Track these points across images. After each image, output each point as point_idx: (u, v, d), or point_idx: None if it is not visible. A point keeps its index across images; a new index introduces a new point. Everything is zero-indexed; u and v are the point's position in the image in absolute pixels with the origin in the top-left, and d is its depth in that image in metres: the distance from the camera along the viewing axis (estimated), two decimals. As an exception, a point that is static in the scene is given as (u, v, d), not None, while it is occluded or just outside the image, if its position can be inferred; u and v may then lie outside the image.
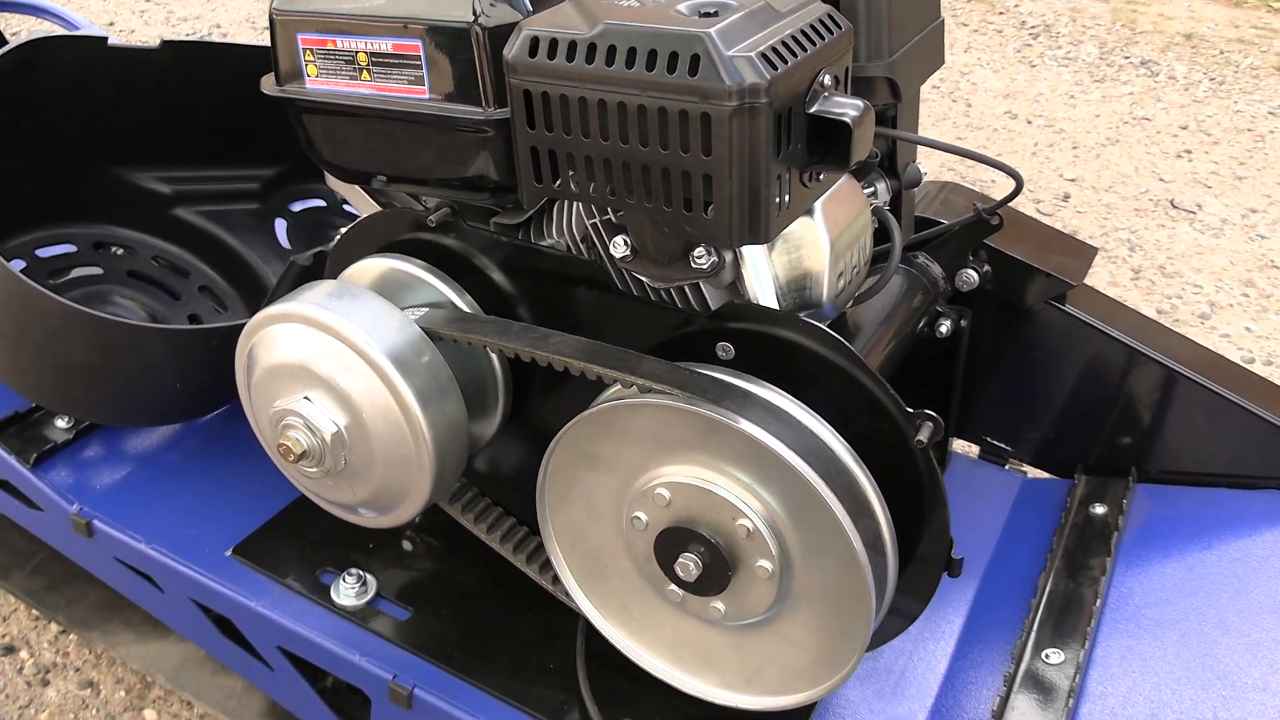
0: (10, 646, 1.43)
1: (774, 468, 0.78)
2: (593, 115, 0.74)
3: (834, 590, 0.81)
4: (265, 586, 1.09)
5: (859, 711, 0.99)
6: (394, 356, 0.88)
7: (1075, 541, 1.15)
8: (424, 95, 0.87)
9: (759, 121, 0.69)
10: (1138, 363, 1.19)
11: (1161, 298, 2.33)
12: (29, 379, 1.16)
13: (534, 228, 0.95)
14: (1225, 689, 0.94)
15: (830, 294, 0.88)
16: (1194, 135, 3.11)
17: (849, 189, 0.90)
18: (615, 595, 0.95)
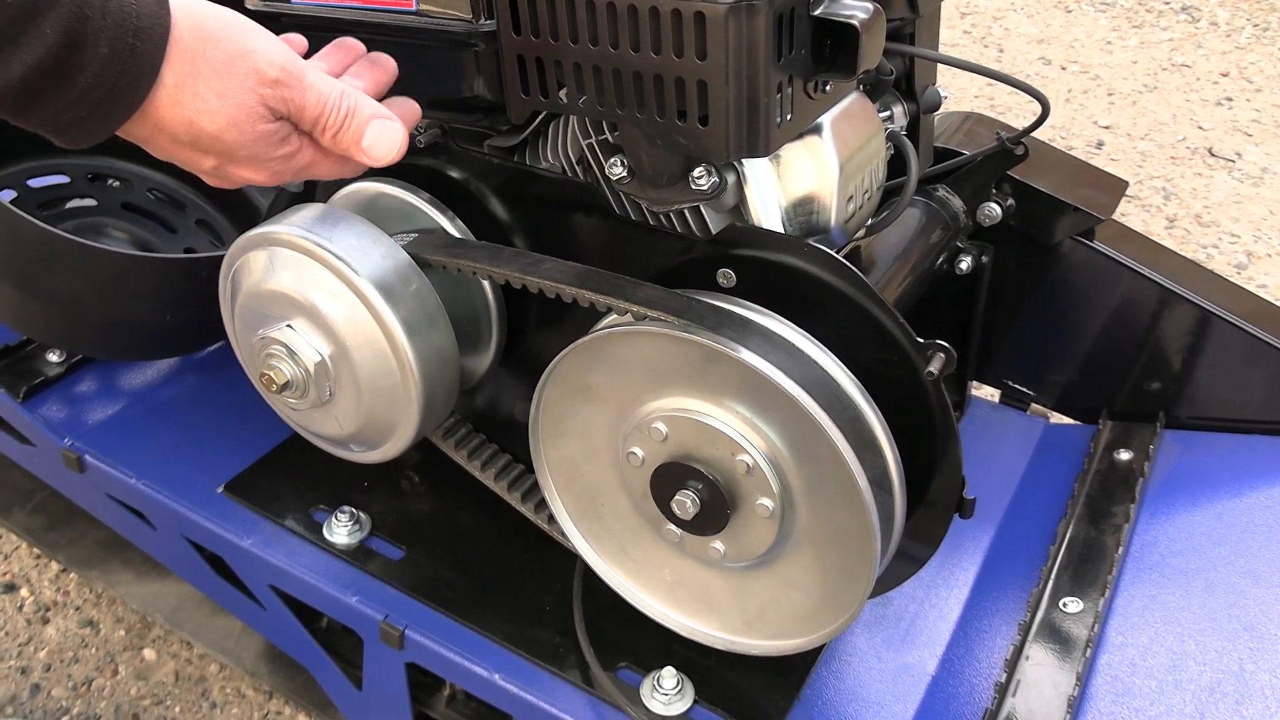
0: (11, 584, 1.42)
1: (775, 400, 0.74)
2: (581, 18, 0.69)
3: (837, 530, 0.77)
4: (257, 524, 1.06)
5: (866, 659, 0.95)
6: (380, 283, 0.85)
7: (1098, 488, 1.10)
8: (411, 8, 0.82)
9: (757, 22, 0.64)
10: (1169, 303, 1.13)
11: (1197, 247, 2.26)
12: (17, 311, 1.13)
13: (529, 151, 0.90)
14: (1252, 640, 0.90)
15: (839, 219, 0.83)
16: (1235, 82, 3.01)
17: (861, 108, 0.85)
18: (612, 535, 0.91)
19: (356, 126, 0.70)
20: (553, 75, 0.74)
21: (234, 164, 0.69)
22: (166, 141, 0.66)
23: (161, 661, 1.32)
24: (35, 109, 0.60)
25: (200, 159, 0.68)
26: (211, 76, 0.64)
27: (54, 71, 0.58)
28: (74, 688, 1.29)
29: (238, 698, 1.28)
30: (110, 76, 0.60)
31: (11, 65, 0.57)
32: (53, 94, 0.59)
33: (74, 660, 1.32)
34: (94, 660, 1.32)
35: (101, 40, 0.59)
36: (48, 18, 0.57)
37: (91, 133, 0.63)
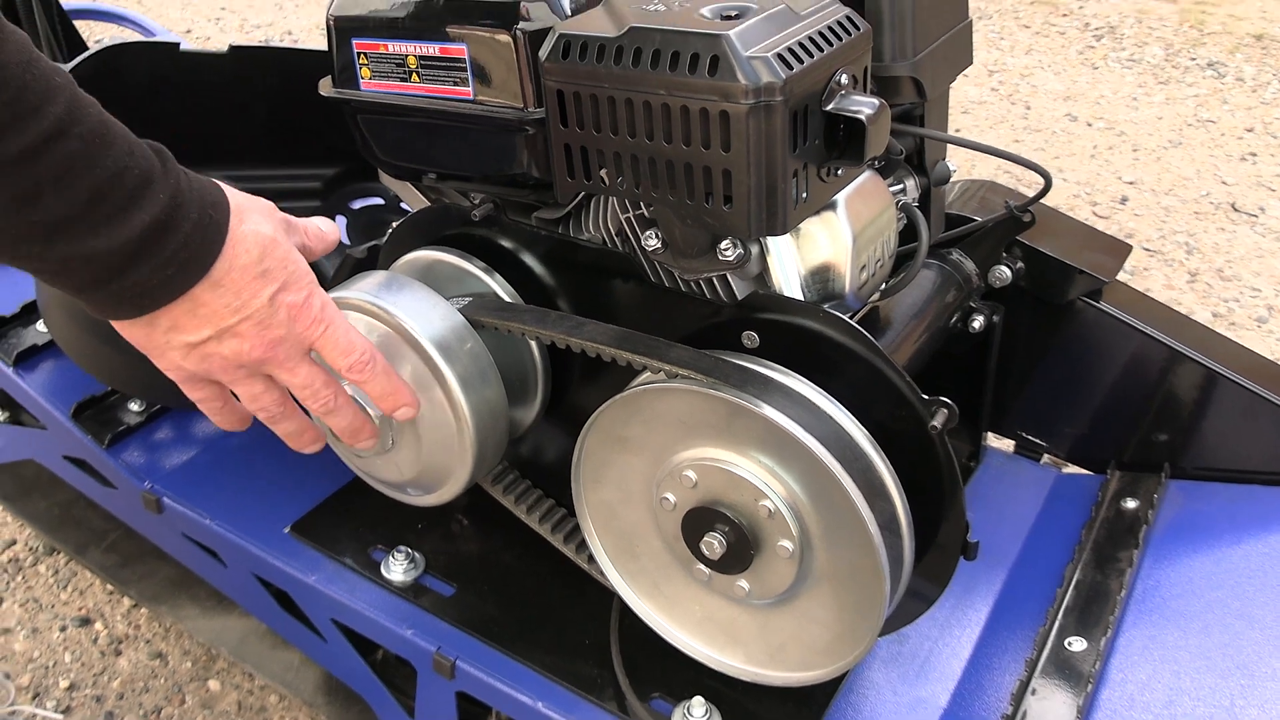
0: (86, 618, 1.52)
1: (794, 451, 0.82)
2: (620, 113, 0.78)
3: (851, 569, 0.84)
4: (320, 562, 1.15)
5: (883, 693, 1.02)
6: (438, 342, 0.94)
7: (1105, 534, 1.17)
8: (469, 96, 0.92)
9: (775, 118, 0.73)
10: (1173, 360, 1.20)
11: (1218, 300, 2.31)
12: (104, 365, 1.23)
13: (573, 222, 1.00)
14: (1244, 678, 0.96)
15: (853, 286, 0.91)
16: (1260, 138, 3.07)
17: (873, 185, 0.93)
18: (646, 574, 0.99)
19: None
20: (595, 161, 0.83)
21: (284, 290, 0.77)
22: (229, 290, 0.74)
23: (225, 692, 1.41)
24: (139, 266, 0.68)
25: (265, 287, 0.76)
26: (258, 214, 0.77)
27: (160, 230, 0.67)
28: (144, 716, 1.39)
29: (296, 727, 1.37)
30: (197, 237, 0.70)
31: (133, 222, 0.66)
32: (156, 251, 0.68)
33: (144, 690, 1.42)
34: (163, 690, 1.42)
35: (192, 208, 0.69)
36: (160, 185, 0.67)
37: (171, 292, 0.71)
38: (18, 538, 1.67)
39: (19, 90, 0.60)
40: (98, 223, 0.65)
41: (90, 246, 0.65)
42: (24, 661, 1.46)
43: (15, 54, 0.60)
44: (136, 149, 0.67)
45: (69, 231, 0.64)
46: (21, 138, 0.60)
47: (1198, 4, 4.15)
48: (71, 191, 0.63)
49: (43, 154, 0.62)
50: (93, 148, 0.64)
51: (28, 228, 0.63)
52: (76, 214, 0.64)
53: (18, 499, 1.62)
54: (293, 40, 4.03)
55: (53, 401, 1.31)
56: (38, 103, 0.61)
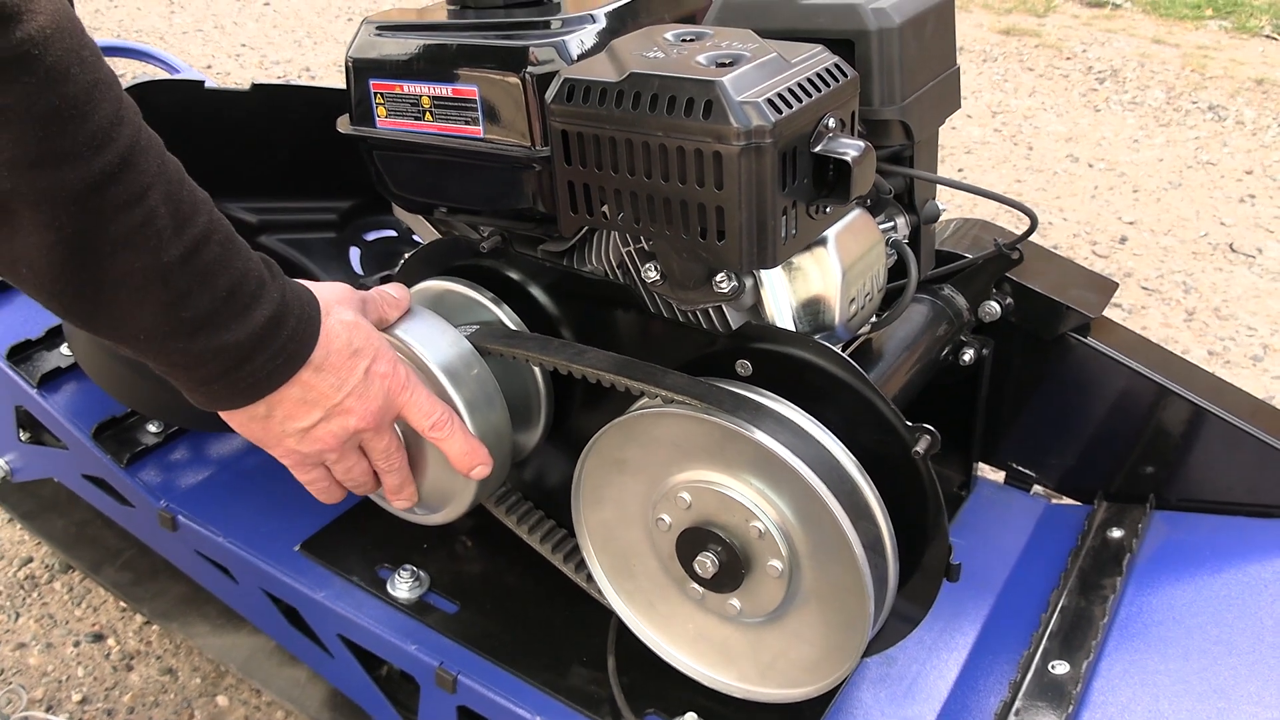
0: (100, 634, 1.56)
1: (783, 474, 0.86)
2: (621, 153, 0.83)
3: (837, 588, 0.88)
4: (328, 579, 1.19)
5: (870, 712, 1.05)
6: (446, 367, 0.98)
7: (1090, 562, 1.20)
8: (479, 134, 0.97)
9: (765, 159, 0.78)
10: (1160, 395, 1.23)
11: (1214, 339, 2.35)
12: (125, 387, 1.28)
13: (576, 255, 1.04)
14: (1221, 701, 0.99)
15: (842, 318, 0.96)
16: (1259, 180, 3.11)
17: (862, 222, 0.98)
18: (642, 593, 1.03)
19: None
20: (597, 197, 0.88)
21: (375, 362, 0.87)
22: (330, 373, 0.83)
23: (233, 707, 1.45)
24: (256, 356, 0.77)
25: (359, 363, 0.86)
26: None
27: (275, 324, 0.77)
28: (154, 729, 1.42)
29: (301, 742, 1.40)
30: (300, 330, 0.80)
31: (256, 317, 0.76)
32: (270, 343, 0.77)
33: (154, 704, 1.45)
34: (172, 705, 1.45)
35: (294, 302, 0.80)
36: (272, 286, 0.77)
37: (278, 379, 0.80)
38: (34, 555, 1.72)
39: (179, 202, 0.70)
40: (230, 318, 0.74)
41: (224, 339, 0.75)
42: (38, 675, 1.50)
43: (175, 171, 0.71)
44: (252, 255, 0.78)
45: (209, 327, 0.74)
46: (181, 243, 0.70)
47: (1200, 49, 4.21)
48: (213, 290, 0.73)
49: (196, 256, 0.71)
50: (228, 252, 0.74)
51: (178, 324, 0.72)
52: (215, 309, 0.73)
53: (36, 517, 1.66)
54: (311, 77, 4.11)
55: (74, 422, 1.36)
56: (191, 212, 0.71)
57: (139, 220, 0.67)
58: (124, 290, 0.69)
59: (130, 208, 0.67)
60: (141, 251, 0.68)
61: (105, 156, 0.65)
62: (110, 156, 0.65)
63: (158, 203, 0.68)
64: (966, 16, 4.72)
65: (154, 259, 0.69)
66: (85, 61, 0.64)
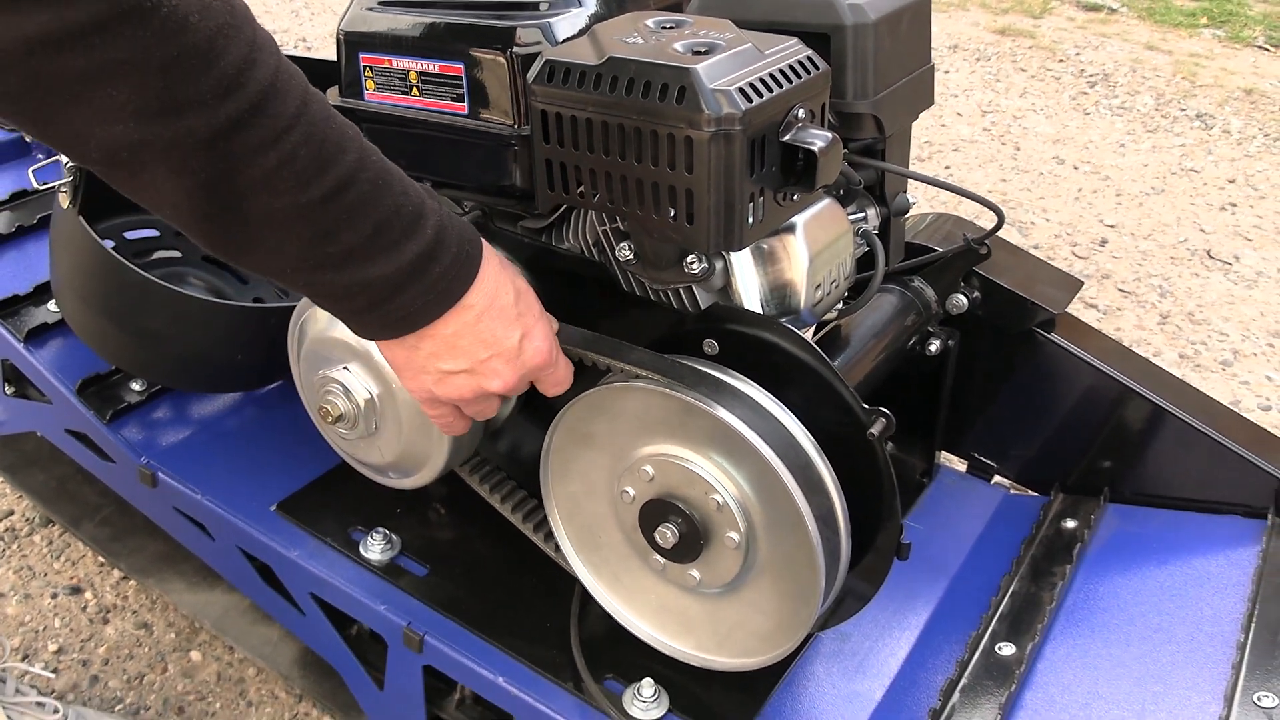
0: (77, 587, 1.59)
1: (741, 449, 0.89)
2: (597, 134, 0.86)
3: (791, 560, 0.92)
4: (302, 539, 1.23)
5: (822, 685, 1.09)
6: (423, 336, 1.01)
7: (1043, 551, 1.24)
8: (464, 111, 1.00)
9: (734, 146, 0.81)
10: (1119, 392, 1.27)
11: (1186, 343, 2.39)
12: (110, 344, 1.31)
13: (554, 233, 1.07)
14: (1158, 686, 1.03)
15: (808, 303, 0.99)
16: (1241, 189, 3.15)
17: (831, 211, 1.01)
18: (607, 563, 1.06)
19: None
20: (574, 177, 0.91)
21: (528, 338, 0.88)
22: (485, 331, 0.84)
23: (206, 663, 1.48)
24: (407, 290, 0.77)
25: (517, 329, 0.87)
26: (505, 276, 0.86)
27: (427, 259, 0.77)
28: (128, 681, 1.45)
29: (271, 699, 1.44)
30: (455, 267, 0.80)
31: (406, 252, 0.76)
32: (421, 279, 0.78)
33: (129, 657, 1.48)
34: (146, 658, 1.48)
35: (451, 241, 0.79)
36: (429, 220, 0.78)
37: (430, 314, 0.81)
38: (15, 508, 1.74)
39: (321, 144, 0.70)
40: (378, 252, 0.75)
41: (370, 273, 0.75)
42: (15, 625, 1.52)
43: (319, 110, 0.70)
44: (410, 188, 0.77)
45: (355, 260, 0.74)
46: (324, 183, 0.70)
47: (1192, 56, 4.25)
48: (359, 226, 0.73)
49: (340, 196, 0.71)
50: (377, 189, 0.74)
51: (325, 258, 0.73)
52: (362, 244, 0.74)
53: (17, 471, 1.69)
54: (307, 48, 4.12)
55: (59, 377, 1.38)
56: (335, 153, 0.71)
57: (274, 164, 0.67)
58: (267, 228, 0.70)
59: (264, 151, 0.67)
60: (280, 193, 0.68)
61: (233, 103, 0.64)
62: (239, 103, 0.64)
63: (297, 145, 0.68)
64: (963, 15, 4.75)
65: (294, 199, 0.69)
66: (208, 8, 0.62)
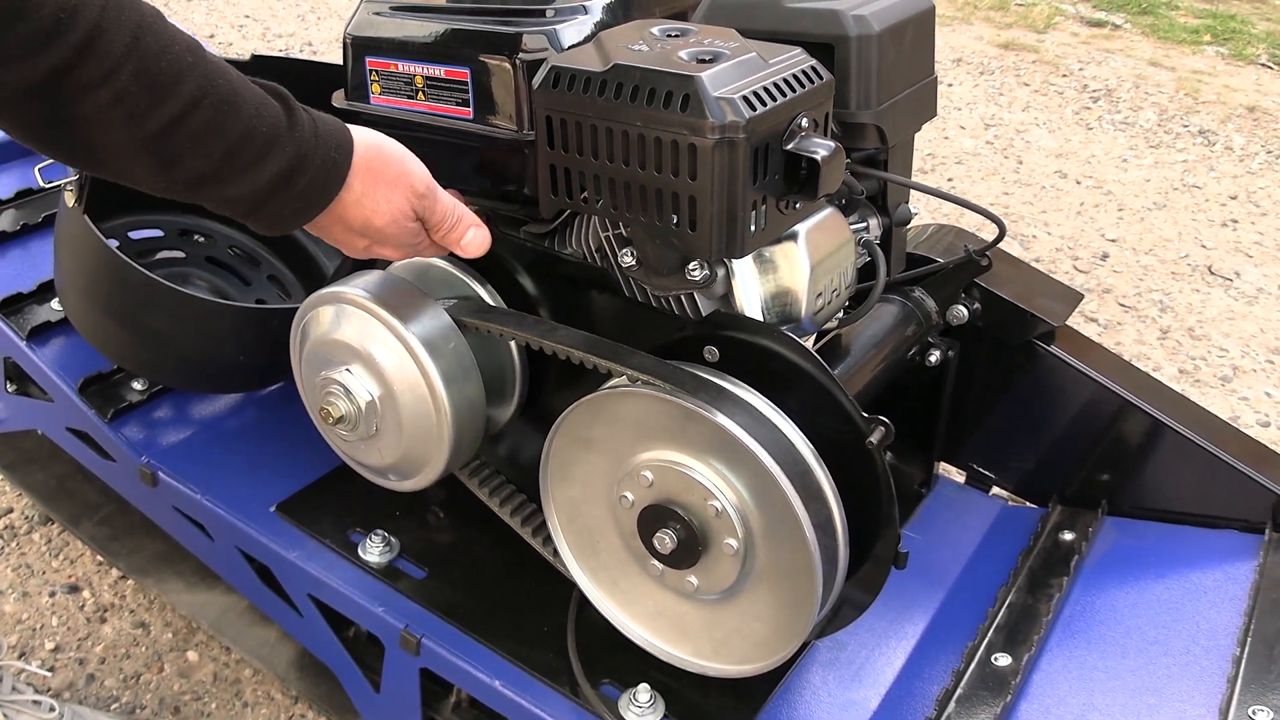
0: (75, 586, 1.59)
1: (740, 455, 0.89)
2: (601, 141, 0.87)
3: (789, 567, 0.92)
4: (301, 540, 1.23)
5: (819, 693, 1.09)
6: (425, 339, 1.02)
7: (1040, 562, 1.24)
8: (469, 116, 1.00)
9: (738, 153, 0.82)
10: (1116, 405, 1.28)
11: (1186, 358, 2.39)
12: (113, 343, 1.31)
13: (557, 238, 1.08)
14: (1152, 698, 1.03)
15: (809, 311, 0.99)
16: (1243, 205, 3.16)
17: (833, 221, 1.02)
18: (605, 569, 1.06)
19: (460, 230, 0.96)
20: (577, 182, 0.92)
21: (380, 246, 0.92)
22: (340, 230, 0.89)
23: (202, 663, 1.48)
24: (269, 206, 0.81)
25: (358, 240, 0.91)
26: (384, 186, 0.88)
27: (289, 176, 0.80)
28: (124, 680, 1.45)
29: (267, 700, 1.44)
30: (320, 179, 0.82)
31: (262, 174, 0.78)
32: (284, 194, 0.80)
33: (126, 656, 1.48)
34: (143, 657, 1.48)
35: (317, 154, 0.81)
36: (288, 139, 0.79)
37: (299, 221, 0.85)
38: (15, 506, 1.74)
39: (155, 77, 0.71)
40: (232, 174, 0.77)
41: (228, 193, 0.78)
42: (13, 622, 1.52)
43: (152, 44, 0.71)
44: (265, 109, 0.78)
45: (208, 183, 0.77)
46: (160, 116, 0.72)
47: (1195, 73, 4.26)
48: (206, 153, 0.75)
49: (179, 127, 0.73)
50: (222, 114, 0.75)
51: (172, 184, 0.76)
52: (213, 170, 0.76)
53: (17, 469, 1.69)
54: (313, 51, 4.13)
55: (61, 375, 1.38)
56: (172, 84, 0.72)
57: (106, 101, 0.70)
58: (114, 156, 0.73)
59: (94, 90, 0.69)
60: (116, 128, 0.71)
61: (54, 53, 0.66)
62: (60, 51, 0.67)
63: (128, 82, 0.70)
64: (967, 29, 4.76)
65: (130, 133, 0.72)
66: None
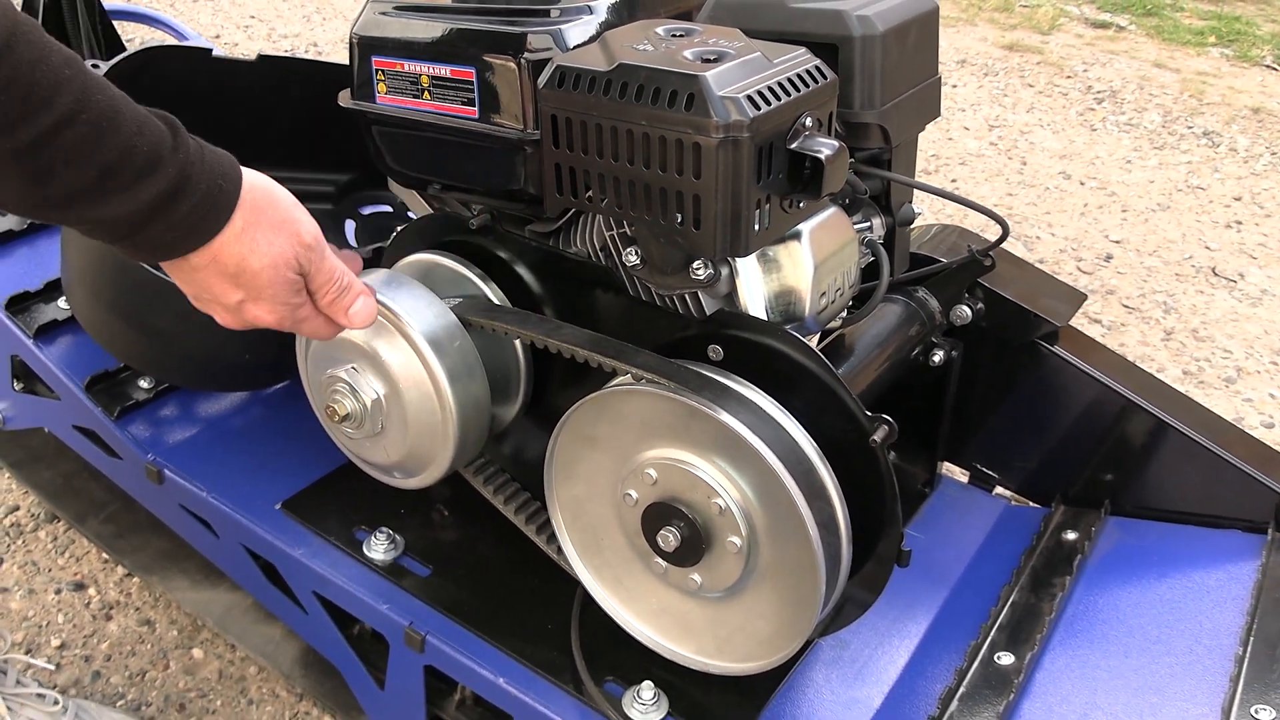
0: (81, 583, 1.60)
1: (744, 453, 0.90)
2: (606, 139, 0.87)
3: (792, 565, 0.92)
4: (307, 538, 1.23)
5: (821, 691, 1.10)
6: (430, 337, 1.02)
7: (1043, 562, 1.25)
8: (474, 115, 1.01)
9: (742, 152, 0.82)
10: (1120, 405, 1.28)
11: (1190, 359, 2.39)
12: (119, 342, 1.32)
13: (562, 236, 1.08)
14: (1155, 697, 1.03)
15: (812, 310, 1.00)
16: (1247, 207, 3.15)
17: (837, 220, 1.02)
18: (609, 566, 1.07)
19: (348, 297, 0.91)
20: (582, 181, 0.92)
21: (255, 303, 0.86)
22: (213, 273, 0.83)
23: (207, 660, 1.49)
24: (148, 229, 0.76)
25: (232, 293, 0.84)
26: (267, 228, 0.82)
27: (169, 199, 0.76)
28: (129, 677, 1.46)
29: (272, 697, 1.44)
30: (203, 207, 0.78)
31: (141, 194, 0.74)
32: (164, 218, 0.76)
33: (131, 653, 1.49)
34: (149, 655, 1.49)
35: (202, 180, 0.77)
36: (171, 160, 0.75)
37: (178, 250, 0.80)
38: (21, 504, 1.75)
39: (29, 87, 0.68)
40: (109, 193, 0.73)
41: (103, 213, 0.74)
42: (19, 619, 1.53)
43: (26, 53, 0.68)
44: (147, 128, 0.75)
45: (83, 201, 0.73)
46: (32, 127, 0.68)
47: (1200, 74, 4.26)
48: (81, 169, 0.71)
49: (53, 140, 0.70)
50: (99, 131, 0.71)
51: (44, 199, 0.72)
52: (87, 187, 0.72)
53: (24, 467, 1.70)
54: (318, 52, 4.14)
55: (68, 373, 1.39)
56: (47, 95, 0.69)
57: None
58: None
59: None
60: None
61: None
62: None
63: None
64: (971, 30, 4.76)
65: (1, 142, 0.68)
66: None
